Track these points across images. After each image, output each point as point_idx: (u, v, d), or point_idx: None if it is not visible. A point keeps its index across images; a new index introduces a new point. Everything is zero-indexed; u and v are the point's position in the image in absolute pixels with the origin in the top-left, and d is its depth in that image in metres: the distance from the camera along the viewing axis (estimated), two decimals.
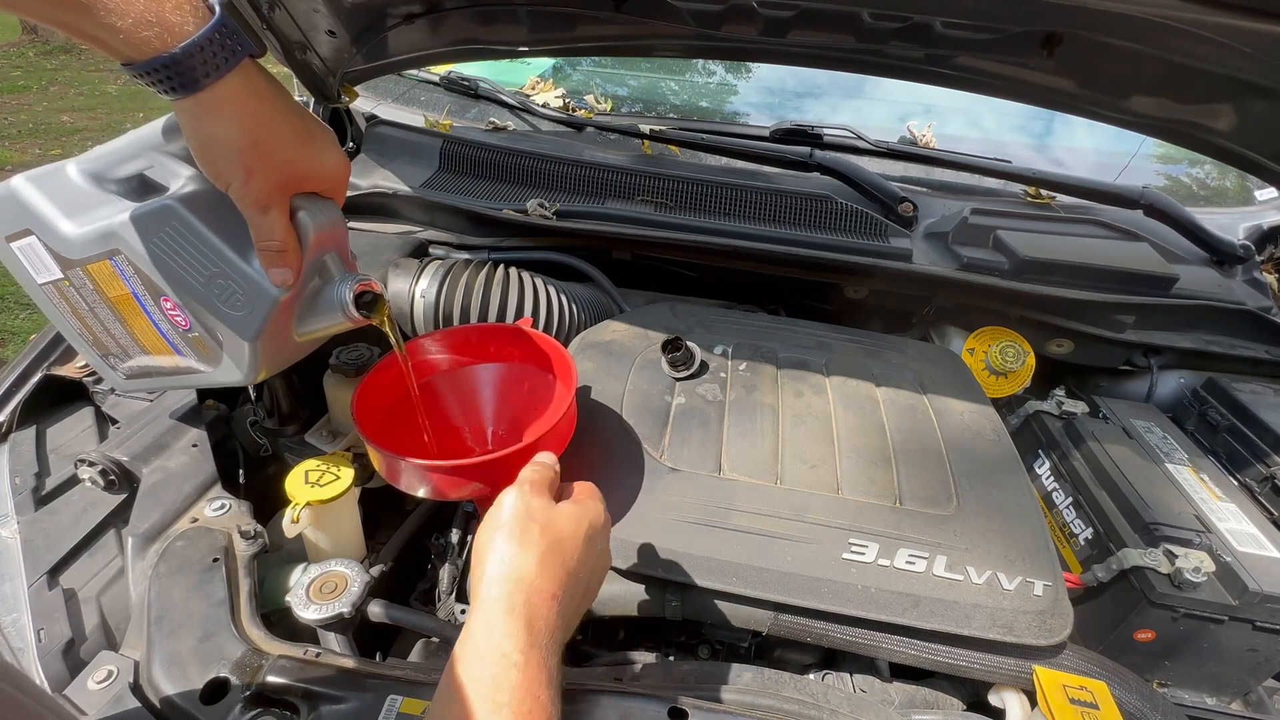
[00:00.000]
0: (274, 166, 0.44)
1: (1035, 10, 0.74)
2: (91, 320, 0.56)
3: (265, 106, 0.43)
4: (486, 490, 0.57)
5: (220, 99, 0.41)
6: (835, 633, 0.57)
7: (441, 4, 0.86)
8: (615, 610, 0.60)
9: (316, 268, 0.51)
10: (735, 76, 1.65)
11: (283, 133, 0.44)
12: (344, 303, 0.50)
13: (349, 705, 0.48)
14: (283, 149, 0.44)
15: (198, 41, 0.38)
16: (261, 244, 0.47)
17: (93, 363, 0.61)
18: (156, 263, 0.49)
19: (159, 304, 0.52)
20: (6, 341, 2.53)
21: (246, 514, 0.64)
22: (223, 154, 0.43)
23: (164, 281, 0.50)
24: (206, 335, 0.52)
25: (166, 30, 0.37)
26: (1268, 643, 0.65)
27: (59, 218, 0.51)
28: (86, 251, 0.51)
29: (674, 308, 0.89)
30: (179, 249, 0.48)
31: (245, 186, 0.44)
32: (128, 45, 0.38)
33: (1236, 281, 1.05)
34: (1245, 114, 0.82)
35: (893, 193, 1.05)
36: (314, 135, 0.46)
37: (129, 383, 0.61)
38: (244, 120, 0.42)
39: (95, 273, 0.52)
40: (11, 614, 0.57)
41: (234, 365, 0.53)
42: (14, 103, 4.99)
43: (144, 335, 0.55)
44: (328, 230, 0.49)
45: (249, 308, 0.49)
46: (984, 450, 0.69)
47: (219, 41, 0.39)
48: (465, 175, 1.09)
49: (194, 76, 0.39)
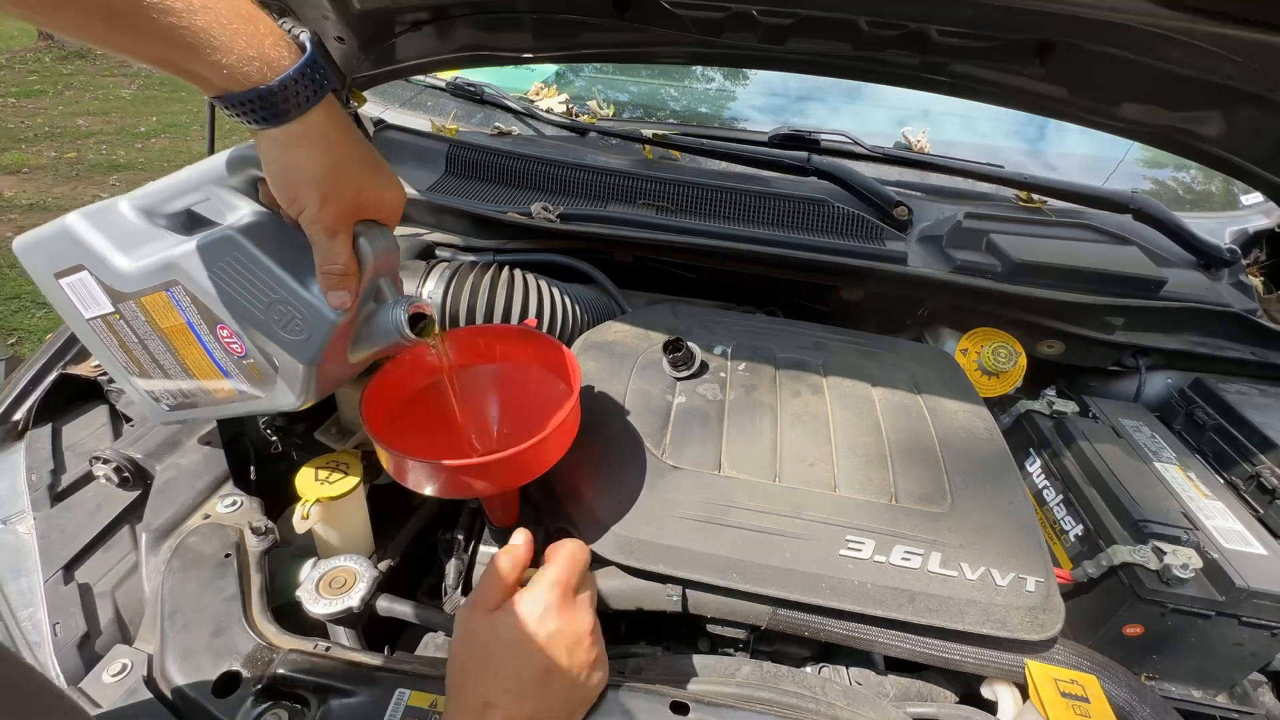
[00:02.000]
0: (346, 194, 0.46)
1: (1028, 19, 0.75)
2: (140, 353, 0.57)
3: (343, 138, 0.45)
4: (492, 489, 0.59)
5: (308, 130, 0.42)
6: (832, 627, 0.59)
7: (448, 11, 0.88)
8: (617, 605, 0.61)
9: (372, 291, 0.52)
10: (734, 83, 1.66)
11: (355, 162, 0.46)
12: (399, 325, 0.51)
13: (358, 698, 0.49)
14: (355, 177, 0.46)
15: (292, 75, 0.40)
16: (325, 267, 0.48)
17: (135, 397, 0.60)
18: (217, 291, 0.50)
19: (214, 332, 0.53)
20: (23, 340, 2.53)
21: (257, 510, 0.65)
22: (302, 181, 0.44)
23: (223, 309, 0.51)
24: (262, 361, 0.53)
25: (266, 65, 0.39)
26: (1253, 637, 0.66)
27: (113, 252, 0.52)
28: (142, 284, 0.52)
29: (675, 309, 0.90)
30: (239, 277, 0.49)
31: (320, 212, 0.45)
32: (228, 80, 0.39)
33: (1223, 284, 1.06)
34: (1233, 121, 0.84)
35: (888, 197, 1.06)
36: (380, 166, 0.48)
37: (171, 414, 0.61)
38: (325, 149, 0.44)
39: (149, 305, 0.53)
40: (28, 608, 0.58)
41: (288, 389, 0.54)
42: (30, 106, 5.00)
43: (196, 365, 0.56)
44: (385, 256, 0.50)
45: (308, 332, 0.50)
46: (977, 449, 0.70)
47: (309, 75, 0.41)
48: (471, 179, 1.10)
49: (285, 109, 0.41)
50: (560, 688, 0.45)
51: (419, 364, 0.66)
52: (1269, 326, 0.99)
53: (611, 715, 0.49)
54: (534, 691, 0.44)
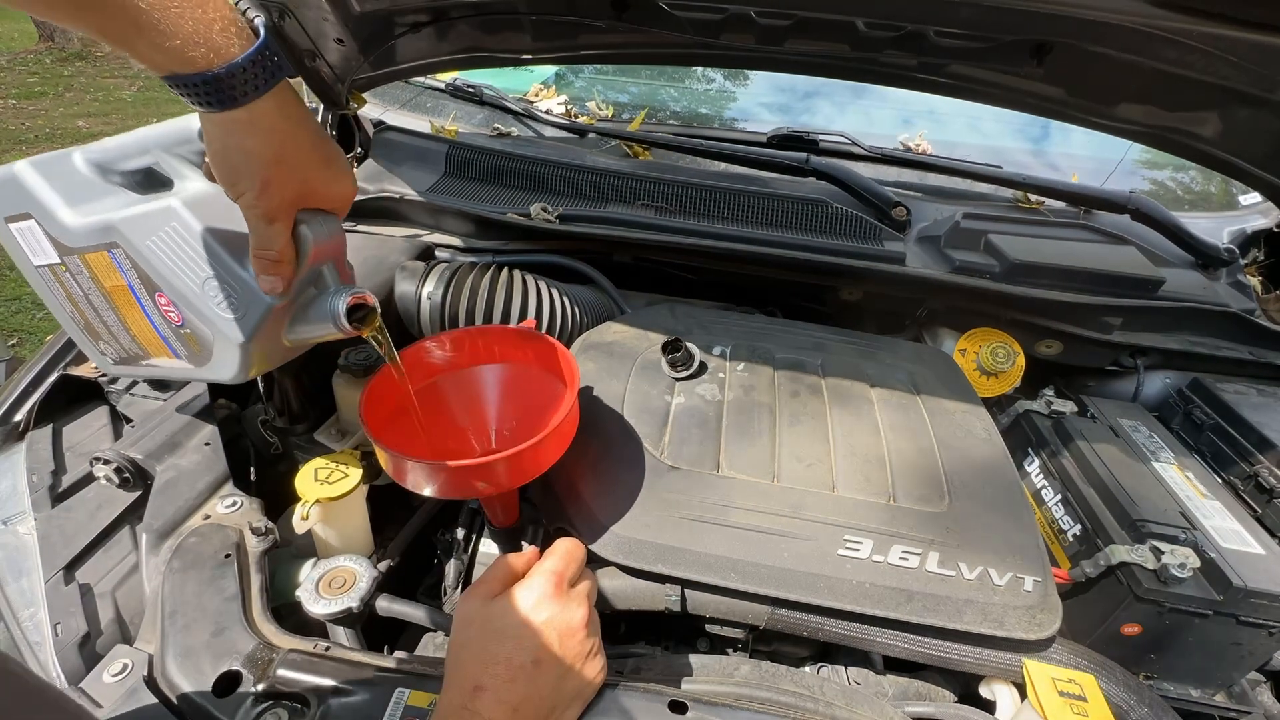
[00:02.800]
0: (289, 183, 0.45)
1: (1026, 20, 0.75)
2: (85, 307, 0.57)
3: (292, 127, 0.44)
4: (491, 489, 0.59)
5: (253, 117, 0.42)
6: (831, 627, 0.59)
7: (448, 13, 0.88)
8: (616, 605, 0.61)
9: (312, 278, 0.52)
10: (734, 83, 1.67)
11: (304, 152, 0.45)
12: (335, 314, 0.51)
13: (358, 698, 0.49)
14: (301, 168, 0.46)
15: (241, 64, 0.40)
16: (258, 252, 0.47)
17: (82, 346, 0.62)
18: (154, 260, 0.50)
19: (154, 299, 0.53)
20: (24, 341, 2.54)
21: (257, 511, 0.65)
22: (244, 166, 0.44)
23: (160, 278, 0.50)
24: (199, 331, 0.53)
25: (212, 51, 0.39)
26: (1251, 637, 0.66)
27: (60, 206, 0.51)
28: (85, 241, 0.52)
29: (673, 309, 0.90)
30: (177, 249, 0.49)
31: (258, 198, 0.45)
32: (174, 62, 0.39)
33: (1221, 284, 1.06)
34: (1230, 121, 0.84)
35: (887, 197, 1.06)
36: (331, 159, 0.48)
37: (117, 368, 0.62)
38: (270, 137, 0.43)
39: (92, 262, 0.53)
40: (29, 608, 0.59)
41: (223, 364, 0.54)
42: (30, 108, 5.01)
43: (137, 327, 0.56)
44: (326, 242, 0.50)
45: (242, 310, 0.50)
46: (975, 449, 0.70)
47: (260, 63, 0.41)
48: (470, 180, 1.10)
49: (233, 95, 0.40)
50: (551, 675, 0.45)
51: (418, 364, 0.66)
52: (1267, 326, 0.99)
53: (610, 714, 0.49)
54: (524, 676, 0.44)
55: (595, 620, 0.50)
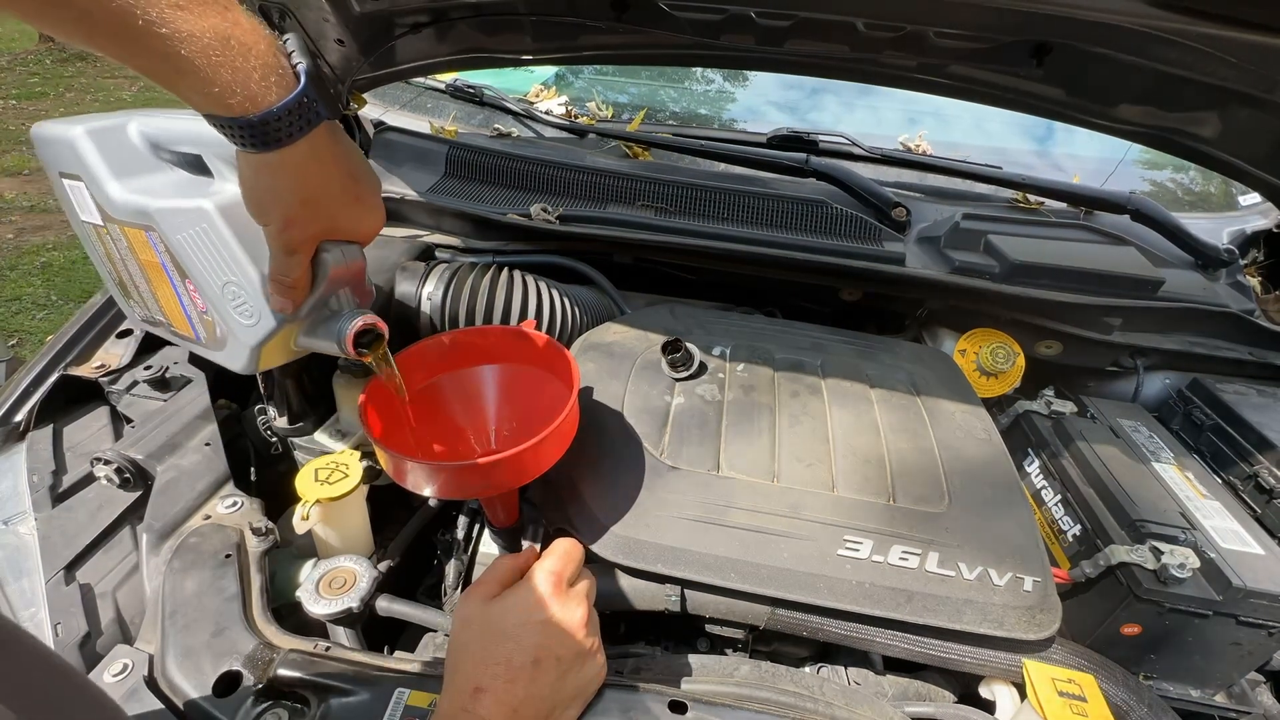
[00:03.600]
0: (314, 222, 0.46)
1: (1025, 21, 0.75)
2: (122, 268, 0.60)
3: (323, 169, 0.44)
4: (491, 490, 0.59)
5: (284, 159, 0.42)
6: (830, 627, 0.59)
7: (448, 14, 0.88)
8: (616, 605, 0.61)
9: (327, 298, 0.53)
10: (734, 84, 1.67)
11: (332, 195, 0.46)
12: (341, 339, 0.52)
13: (358, 698, 0.49)
14: (328, 208, 0.46)
15: (276, 112, 0.40)
16: (275, 276, 0.49)
17: (116, 299, 0.66)
18: (183, 253, 0.52)
19: (184, 282, 0.55)
20: (24, 342, 2.54)
21: (258, 511, 0.66)
22: (269, 202, 0.44)
23: (188, 270, 0.53)
24: (218, 322, 0.55)
25: (249, 100, 0.39)
26: (1251, 637, 0.66)
27: (108, 177, 0.53)
28: (125, 216, 0.54)
29: (673, 310, 0.90)
30: (204, 249, 0.51)
31: (280, 233, 0.46)
32: (214, 105, 0.39)
33: (1221, 285, 1.06)
34: (1229, 121, 0.84)
35: (886, 198, 1.06)
36: (362, 196, 0.48)
37: (143, 325, 0.66)
38: (299, 179, 0.44)
39: (131, 236, 0.55)
40: (30, 608, 0.59)
41: (234, 356, 0.57)
42: (31, 109, 5.02)
43: (165, 300, 0.59)
44: (344, 269, 0.51)
45: (255, 319, 0.52)
46: (975, 449, 0.70)
47: (297, 111, 0.41)
48: (470, 180, 1.11)
49: (265, 140, 0.41)
50: (550, 675, 0.46)
51: (418, 365, 0.66)
52: (1266, 326, 0.99)
53: (610, 714, 0.49)
54: (524, 677, 0.44)
55: (594, 620, 0.51)
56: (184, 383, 0.78)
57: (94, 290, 1.14)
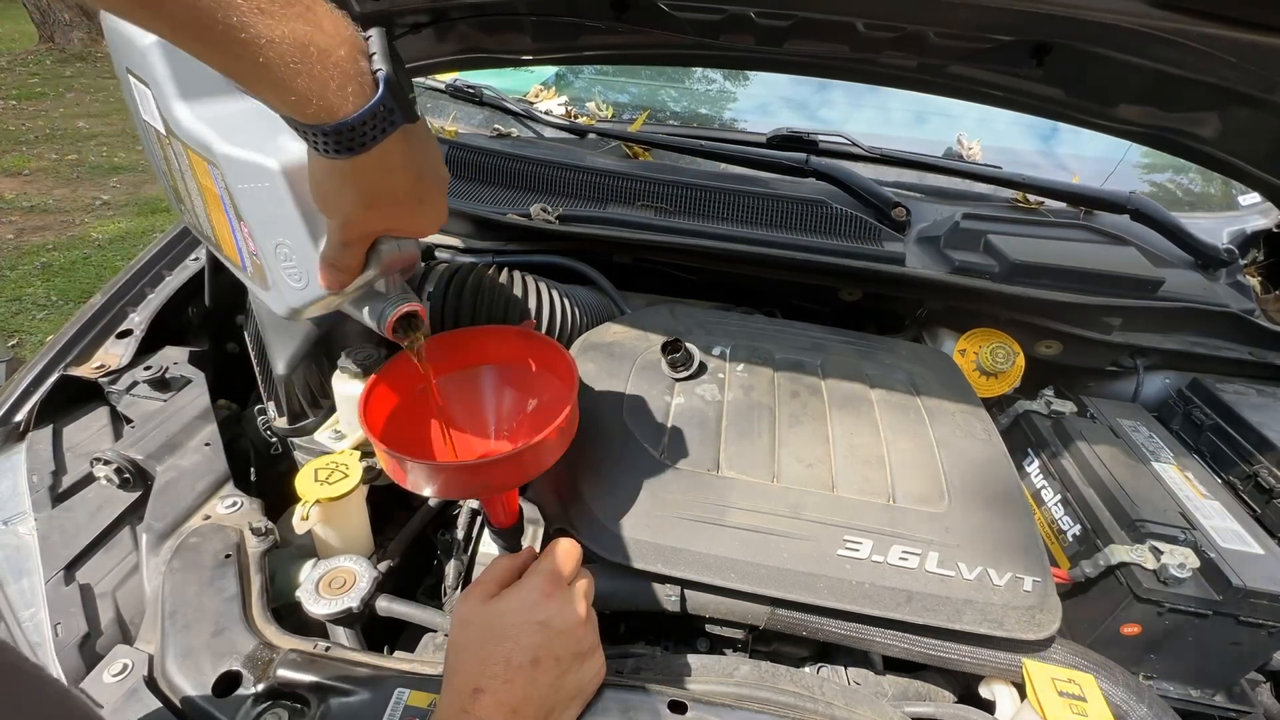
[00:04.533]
0: (373, 223, 0.46)
1: (1025, 21, 0.75)
2: (179, 178, 0.57)
3: (389, 177, 0.44)
4: (490, 490, 0.59)
5: (354, 168, 0.42)
6: (830, 627, 0.59)
7: (448, 14, 0.88)
8: (616, 605, 0.61)
9: (375, 280, 0.53)
10: (734, 84, 1.67)
11: (397, 200, 0.45)
12: (383, 321, 0.52)
13: (358, 698, 0.49)
14: (389, 210, 0.46)
15: (350, 122, 0.39)
16: (326, 257, 0.48)
17: (168, 197, 0.63)
18: (242, 202, 0.50)
19: (239, 224, 0.53)
20: (24, 342, 2.54)
21: (258, 511, 0.66)
22: (332, 200, 0.44)
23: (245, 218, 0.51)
24: (264, 269, 0.54)
25: (324, 109, 0.39)
26: (1251, 637, 0.66)
27: (175, 95, 0.51)
28: (190, 139, 0.51)
29: (673, 310, 0.90)
30: (264, 206, 0.49)
31: (339, 229, 0.46)
32: (290, 110, 0.39)
33: (1220, 285, 1.06)
34: (1229, 121, 0.84)
35: (886, 198, 1.06)
36: (425, 198, 0.47)
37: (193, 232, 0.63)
38: (363, 185, 0.43)
39: (193, 159, 0.53)
40: (30, 608, 0.59)
41: (277, 302, 0.55)
42: (31, 109, 5.02)
43: (219, 227, 0.56)
44: (398, 258, 0.51)
45: (303, 283, 0.51)
46: (975, 449, 0.71)
47: (372, 120, 0.40)
48: (470, 180, 1.11)
49: (339, 148, 0.40)
50: (550, 675, 0.46)
51: (418, 365, 0.66)
52: (1266, 326, 0.99)
53: (610, 714, 0.49)
54: (523, 677, 0.44)
55: (594, 619, 0.51)
56: (184, 383, 0.78)
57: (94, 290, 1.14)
